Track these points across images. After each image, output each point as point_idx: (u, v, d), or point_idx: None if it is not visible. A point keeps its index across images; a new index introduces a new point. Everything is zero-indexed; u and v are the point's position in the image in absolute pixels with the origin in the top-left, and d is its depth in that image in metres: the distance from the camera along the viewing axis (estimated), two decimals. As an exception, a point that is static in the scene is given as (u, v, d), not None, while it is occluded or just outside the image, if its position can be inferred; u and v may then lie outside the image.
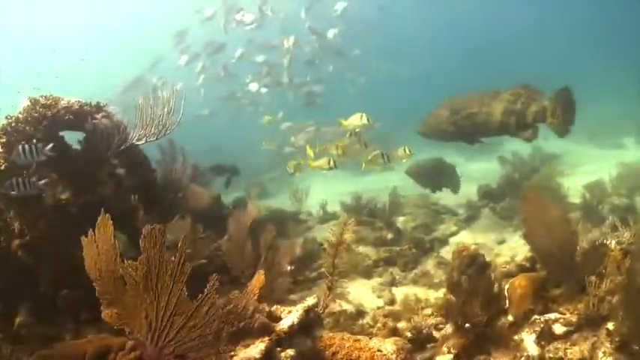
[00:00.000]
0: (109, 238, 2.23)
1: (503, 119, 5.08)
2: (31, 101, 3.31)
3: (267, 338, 2.47)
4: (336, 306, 4.56)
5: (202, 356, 1.94)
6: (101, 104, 3.85)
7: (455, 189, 6.47)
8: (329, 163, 5.88)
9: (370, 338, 2.89)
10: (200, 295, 2.01)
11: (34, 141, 3.12)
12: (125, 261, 2.15)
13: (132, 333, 2.15)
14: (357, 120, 5.61)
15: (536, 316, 2.84)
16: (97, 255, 2.24)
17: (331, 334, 2.96)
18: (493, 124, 5.16)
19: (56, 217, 3.16)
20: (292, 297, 4.84)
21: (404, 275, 5.05)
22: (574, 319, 2.76)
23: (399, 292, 4.74)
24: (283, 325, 2.74)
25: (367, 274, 5.25)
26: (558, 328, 2.76)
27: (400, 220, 6.73)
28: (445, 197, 6.93)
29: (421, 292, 4.58)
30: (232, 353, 2.27)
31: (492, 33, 25.70)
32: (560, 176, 6.25)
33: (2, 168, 2.92)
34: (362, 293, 4.90)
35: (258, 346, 2.37)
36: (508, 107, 5.06)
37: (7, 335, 3.18)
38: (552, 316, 2.82)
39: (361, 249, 5.95)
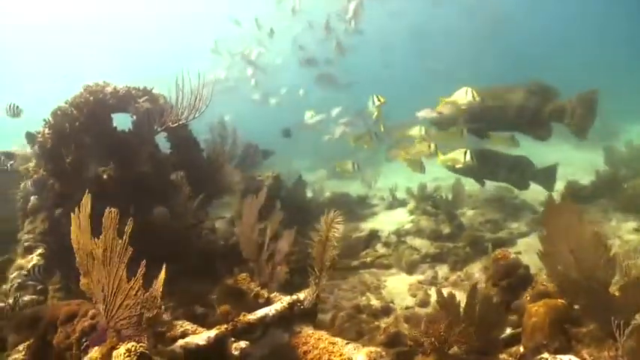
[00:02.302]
0: (86, 216, 2.45)
1: (516, 115, 4.85)
2: (83, 87, 3.79)
3: (223, 327, 2.48)
4: (363, 299, 4.38)
5: (129, 335, 2.04)
6: (148, 89, 4.22)
7: (522, 186, 5.53)
8: (419, 167, 5.54)
9: (347, 343, 2.68)
10: (132, 279, 2.10)
11: (77, 123, 3.57)
12: (94, 238, 2.38)
13: (96, 303, 2.37)
14: (461, 96, 4.80)
15: (544, 355, 2.30)
16: (79, 230, 2.49)
17: (311, 331, 2.83)
18: (505, 120, 4.93)
19: (94, 191, 3.59)
20: (326, 283, 4.81)
21: (447, 276, 4.56)
22: (594, 367, 2.16)
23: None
24: (254, 315, 2.73)
25: (411, 269, 4.90)
26: (571, 375, 2.19)
27: (468, 214, 6.06)
28: (528, 192, 5.97)
29: (458, 296, 4.08)
30: (180, 336, 2.35)
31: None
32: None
33: (49, 146, 3.43)
34: (398, 289, 4.60)
35: (208, 334, 2.40)
36: (523, 104, 4.76)
37: (62, 287, 3.79)
38: (566, 358, 2.24)
39: (417, 242, 5.56)
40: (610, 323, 2.21)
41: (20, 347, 2.34)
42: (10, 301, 2.72)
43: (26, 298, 3.15)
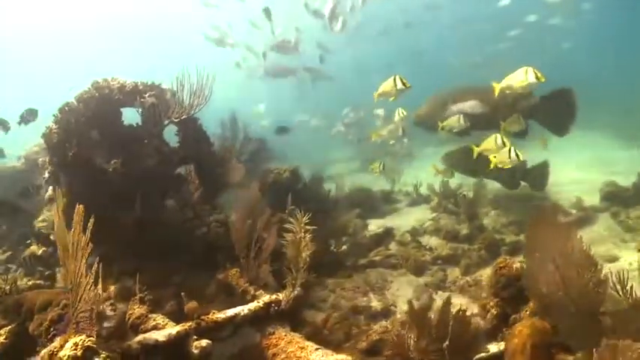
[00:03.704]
0: (60, 212, 2.54)
1: (492, 113, 4.75)
2: (91, 83, 3.95)
3: (187, 324, 2.49)
4: (364, 300, 4.24)
5: (83, 329, 2.10)
6: (155, 84, 4.31)
7: (512, 185, 5.29)
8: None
9: (317, 349, 2.60)
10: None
11: (83, 119, 3.73)
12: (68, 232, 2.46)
13: (68, 294, 2.46)
14: (520, 78, 3.96)
15: (520, 380, 2.08)
16: (58, 224, 2.60)
17: (284, 333, 2.78)
18: (482, 118, 4.89)
19: (100, 184, 3.75)
20: (330, 281, 4.71)
21: (454, 279, 4.30)
22: (573, 399, 1.92)
23: (441, 299, 4.08)
24: (224, 314, 2.72)
25: (419, 270, 4.66)
26: (546, 406, 1.96)
27: (492, 214, 5.67)
28: (561, 193, 5.48)
29: (462, 303, 3.84)
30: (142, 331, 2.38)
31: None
32: None
33: (55, 141, 3.62)
34: (403, 291, 4.40)
35: (170, 330, 2.41)
36: (498, 102, 4.54)
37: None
38: (543, 385, 2.01)
39: (432, 241, 5.31)
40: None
41: (2, 331, 2.50)
42: (8, 286, 2.90)
43: (30, 282, 3.37)
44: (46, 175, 4.00)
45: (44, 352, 2.13)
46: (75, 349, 1.95)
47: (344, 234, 5.44)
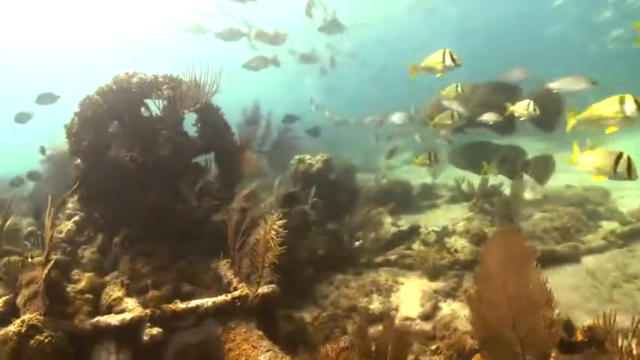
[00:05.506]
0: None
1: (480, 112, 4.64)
2: (112, 77, 4.23)
3: (144, 312, 2.58)
4: (365, 301, 4.04)
5: (38, 307, 2.28)
6: (174, 76, 4.48)
7: (514, 177, 4.96)
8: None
9: (267, 350, 2.54)
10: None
11: (100, 110, 4.02)
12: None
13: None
14: None
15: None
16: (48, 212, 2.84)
17: (244, 329, 2.75)
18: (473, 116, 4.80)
19: (115, 172, 4.03)
20: (339, 277, 4.56)
21: (467, 288, 3.89)
22: None
23: (448, 308, 3.74)
24: (186, 304, 2.76)
25: (435, 274, 4.32)
26: None
27: (536, 217, 5.02)
28: (623, 199, 4.67)
29: (464, 316, 3.47)
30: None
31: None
32: None
33: (74, 131, 3.95)
34: (411, 295, 4.13)
35: (125, 315, 2.52)
36: (485, 101, 4.60)
37: (98, 249, 4.37)
38: None
39: (459, 243, 4.88)
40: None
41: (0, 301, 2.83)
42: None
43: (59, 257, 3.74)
44: (78, 161, 4.41)
45: (13, 324, 2.35)
46: (20, 327, 2.13)
47: (363, 229, 5.23)
